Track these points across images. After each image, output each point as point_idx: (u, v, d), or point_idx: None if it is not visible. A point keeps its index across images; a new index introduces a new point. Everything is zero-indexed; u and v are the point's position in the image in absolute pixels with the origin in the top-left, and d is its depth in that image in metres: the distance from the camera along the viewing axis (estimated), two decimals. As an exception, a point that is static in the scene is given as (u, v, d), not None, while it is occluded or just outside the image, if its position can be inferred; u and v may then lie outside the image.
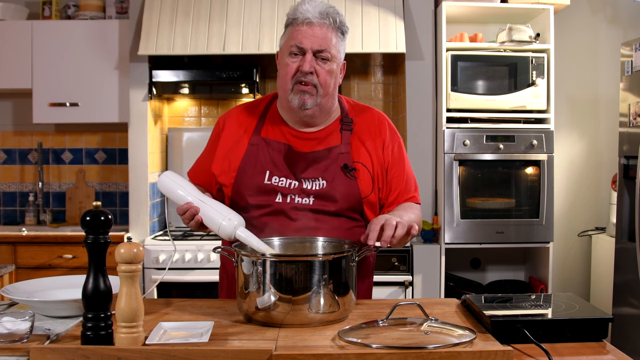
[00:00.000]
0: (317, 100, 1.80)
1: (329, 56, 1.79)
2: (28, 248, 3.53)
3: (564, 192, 4.06)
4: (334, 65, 1.81)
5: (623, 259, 3.20)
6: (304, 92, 1.79)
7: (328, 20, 1.79)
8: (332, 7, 1.82)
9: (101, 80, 3.78)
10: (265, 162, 1.83)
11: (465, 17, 3.79)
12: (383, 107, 4.12)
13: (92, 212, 1.34)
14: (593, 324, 1.44)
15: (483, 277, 3.96)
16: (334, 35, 1.80)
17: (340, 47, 1.83)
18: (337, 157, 1.83)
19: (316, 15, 1.77)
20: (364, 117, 1.92)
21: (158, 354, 1.24)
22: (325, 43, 1.78)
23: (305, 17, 1.77)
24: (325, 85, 1.80)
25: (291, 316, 1.48)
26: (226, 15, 3.54)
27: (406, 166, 1.94)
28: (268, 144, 1.85)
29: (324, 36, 1.78)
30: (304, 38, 1.77)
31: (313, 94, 1.79)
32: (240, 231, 1.66)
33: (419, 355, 1.25)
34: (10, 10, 3.86)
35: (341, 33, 1.83)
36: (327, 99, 1.83)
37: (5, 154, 4.21)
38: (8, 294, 1.62)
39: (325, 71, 1.79)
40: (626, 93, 3.20)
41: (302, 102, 1.79)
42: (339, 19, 1.81)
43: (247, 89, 3.69)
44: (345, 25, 1.84)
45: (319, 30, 1.77)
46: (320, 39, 1.77)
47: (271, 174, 1.82)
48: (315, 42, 1.77)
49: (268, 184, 1.81)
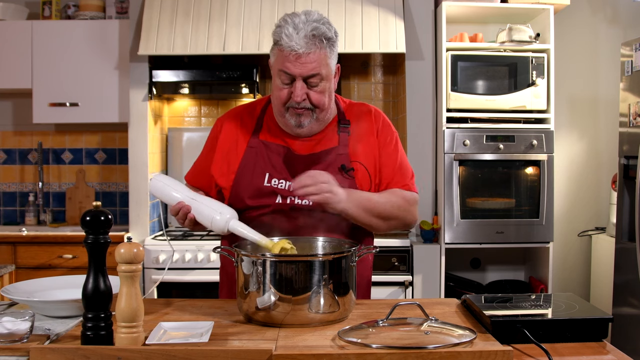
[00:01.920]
0: (313, 117, 1.79)
1: (320, 78, 1.74)
2: (28, 248, 3.53)
3: (564, 192, 4.06)
4: (326, 84, 1.77)
5: (623, 259, 3.20)
6: (299, 115, 1.77)
7: (314, 43, 1.70)
8: (318, 23, 1.72)
9: (101, 80, 3.78)
10: (265, 164, 1.83)
11: (465, 17, 3.79)
12: (383, 107, 4.12)
13: (92, 212, 1.34)
14: (593, 324, 1.44)
15: (483, 277, 3.96)
16: (323, 55, 1.72)
17: (332, 60, 1.77)
18: (336, 159, 1.83)
19: (302, 44, 1.68)
20: (360, 115, 1.92)
21: (158, 354, 1.24)
22: (315, 68, 1.72)
23: (290, 48, 1.69)
24: (321, 104, 1.77)
25: (291, 316, 1.48)
26: (226, 15, 3.54)
27: (399, 155, 1.91)
28: (267, 147, 1.84)
29: (313, 61, 1.71)
30: (292, 66, 1.71)
31: (309, 114, 1.78)
32: (232, 223, 1.66)
33: (419, 355, 1.25)
34: (10, 10, 3.86)
35: (331, 46, 1.75)
36: (324, 113, 1.81)
37: (5, 154, 4.21)
38: (8, 294, 1.62)
39: (318, 93, 1.76)
40: (626, 93, 3.20)
41: (299, 123, 1.78)
42: (327, 35, 1.72)
43: (247, 89, 3.69)
44: (334, 36, 1.76)
45: (307, 58, 1.70)
46: (310, 67, 1.71)
47: (271, 176, 1.82)
48: (304, 70, 1.71)
49: (268, 186, 1.81)
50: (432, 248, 3.47)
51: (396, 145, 1.92)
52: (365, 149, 1.87)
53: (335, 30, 1.79)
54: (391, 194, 1.84)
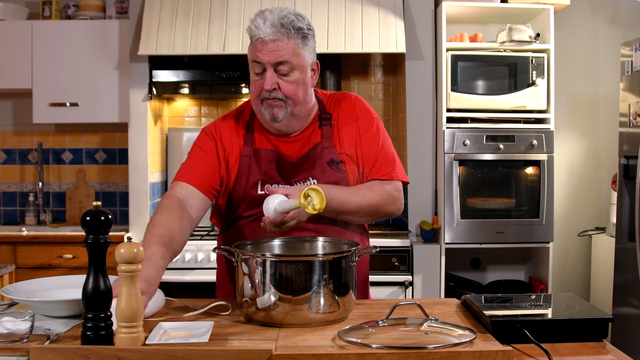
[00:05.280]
0: (287, 110, 1.78)
1: (291, 67, 1.75)
2: (28, 248, 3.52)
3: (564, 192, 4.06)
4: (298, 74, 1.77)
5: (623, 259, 3.20)
6: (272, 107, 1.78)
7: (282, 32, 1.73)
8: (287, 14, 1.75)
9: (101, 80, 3.78)
10: (256, 173, 1.83)
11: (465, 17, 3.79)
12: (383, 107, 4.12)
13: (92, 212, 1.33)
14: (593, 324, 1.44)
15: (483, 277, 3.96)
16: (292, 44, 1.74)
17: (304, 51, 1.77)
18: (322, 153, 1.83)
19: (268, 32, 1.72)
20: (341, 105, 1.91)
21: (158, 354, 1.24)
22: (283, 55, 1.73)
23: (257, 36, 1.73)
24: (293, 95, 1.77)
25: (291, 316, 1.48)
26: (226, 16, 3.54)
27: (380, 141, 1.89)
28: (257, 153, 1.85)
29: (281, 49, 1.73)
30: (260, 54, 1.74)
31: (282, 106, 1.78)
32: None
33: (419, 355, 1.25)
34: (10, 10, 3.86)
35: (302, 37, 1.76)
36: (300, 107, 1.81)
37: (5, 154, 4.21)
38: (8, 294, 1.62)
39: (289, 83, 1.76)
40: (626, 93, 3.20)
41: (273, 115, 1.78)
42: (296, 25, 1.75)
43: (247, 89, 3.69)
44: (305, 28, 1.77)
45: (273, 45, 1.72)
46: (276, 53, 1.73)
47: (263, 183, 1.82)
48: (272, 57, 1.73)
49: (262, 194, 1.81)
50: (432, 248, 3.47)
51: (377, 131, 1.89)
52: (348, 138, 1.86)
53: (309, 24, 1.80)
54: (369, 189, 1.82)
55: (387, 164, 1.87)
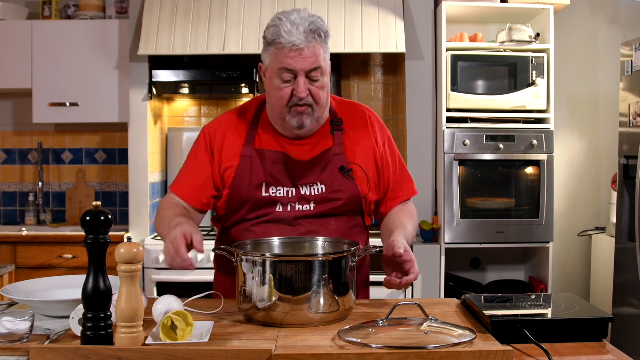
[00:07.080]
0: (314, 117, 1.78)
1: (322, 72, 1.74)
2: (28, 248, 3.52)
3: (564, 192, 4.06)
4: (325, 79, 1.77)
5: (623, 259, 3.20)
6: (301, 114, 1.76)
7: (314, 37, 1.71)
8: (315, 20, 1.73)
9: (101, 80, 3.78)
10: (260, 174, 1.80)
11: (465, 17, 3.79)
12: (383, 107, 4.12)
13: (92, 212, 1.33)
14: (593, 324, 1.44)
15: (483, 277, 3.96)
16: (322, 49, 1.74)
17: (327, 55, 1.78)
18: (332, 159, 1.82)
19: (302, 39, 1.68)
20: (352, 114, 1.91)
21: (158, 354, 1.24)
22: (316, 61, 1.72)
23: (291, 43, 1.69)
24: (320, 100, 1.77)
25: (291, 316, 1.48)
26: (226, 16, 3.54)
27: (398, 159, 1.94)
28: (261, 154, 1.81)
29: (314, 55, 1.71)
30: (294, 62, 1.70)
31: (310, 113, 1.76)
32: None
33: (419, 355, 1.25)
34: (10, 10, 3.86)
35: (326, 41, 1.77)
36: (322, 111, 1.81)
37: (5, 154, 4.21)
38: (8, 294, 1.62)
39: (318, 88, 1.75)
40: (626, 93, 3.20)
41: (301, 123, 1.77)
42: (324, 29, 1.74)
43: (247, 89, 3.69)
44: (328, 33, 1.77)
45: (308, 52, 1.70)
46: (311, 61, 1.71)
47: (268, 185, 1.80)
48: (306, 64, 1.71)
49: (266, 196, 1.79)
50: (432, 248, 3.47)
51: (392, 146, 1.94)
52: (362, 152, 1.86)
53: (329, 30, 1.79)
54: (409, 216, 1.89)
55: (407, 180, 1.95)
